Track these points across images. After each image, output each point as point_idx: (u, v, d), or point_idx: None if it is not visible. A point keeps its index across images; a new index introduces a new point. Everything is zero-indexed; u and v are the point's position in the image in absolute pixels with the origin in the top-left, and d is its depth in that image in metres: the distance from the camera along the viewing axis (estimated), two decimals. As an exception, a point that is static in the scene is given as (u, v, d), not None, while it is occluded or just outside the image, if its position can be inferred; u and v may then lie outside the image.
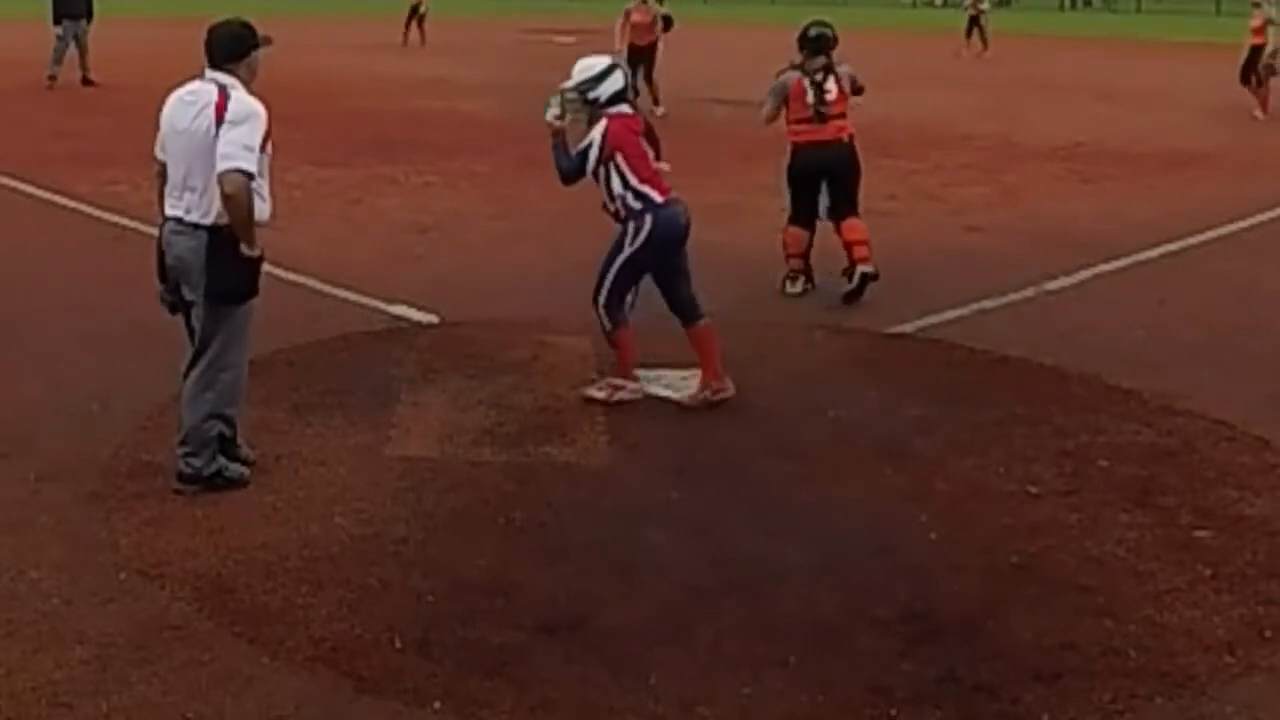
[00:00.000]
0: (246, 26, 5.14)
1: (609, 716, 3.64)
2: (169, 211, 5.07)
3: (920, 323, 7.44)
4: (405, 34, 27.52)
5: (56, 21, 18.81)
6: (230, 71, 5.02)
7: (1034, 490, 5.18)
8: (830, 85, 7.90)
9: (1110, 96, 19.74)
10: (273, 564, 4.43)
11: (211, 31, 5.12)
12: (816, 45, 7.99)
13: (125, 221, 9.78)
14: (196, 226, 4.97)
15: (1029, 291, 8.16)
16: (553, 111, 6.13)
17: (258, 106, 4.95)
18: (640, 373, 6.37)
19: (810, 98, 7.87)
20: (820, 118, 7.88)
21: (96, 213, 10.08)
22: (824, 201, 7.98)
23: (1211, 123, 16.88)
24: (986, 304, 7.81)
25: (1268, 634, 4.11)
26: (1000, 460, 5.47)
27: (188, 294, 5.05)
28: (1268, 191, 11.73)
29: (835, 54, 8.02)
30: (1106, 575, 4.48)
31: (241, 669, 3.81)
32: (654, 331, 7.13)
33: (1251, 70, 17.20)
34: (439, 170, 12.40)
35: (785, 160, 8.07)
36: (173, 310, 5.20)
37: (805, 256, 8.04)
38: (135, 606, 4.13)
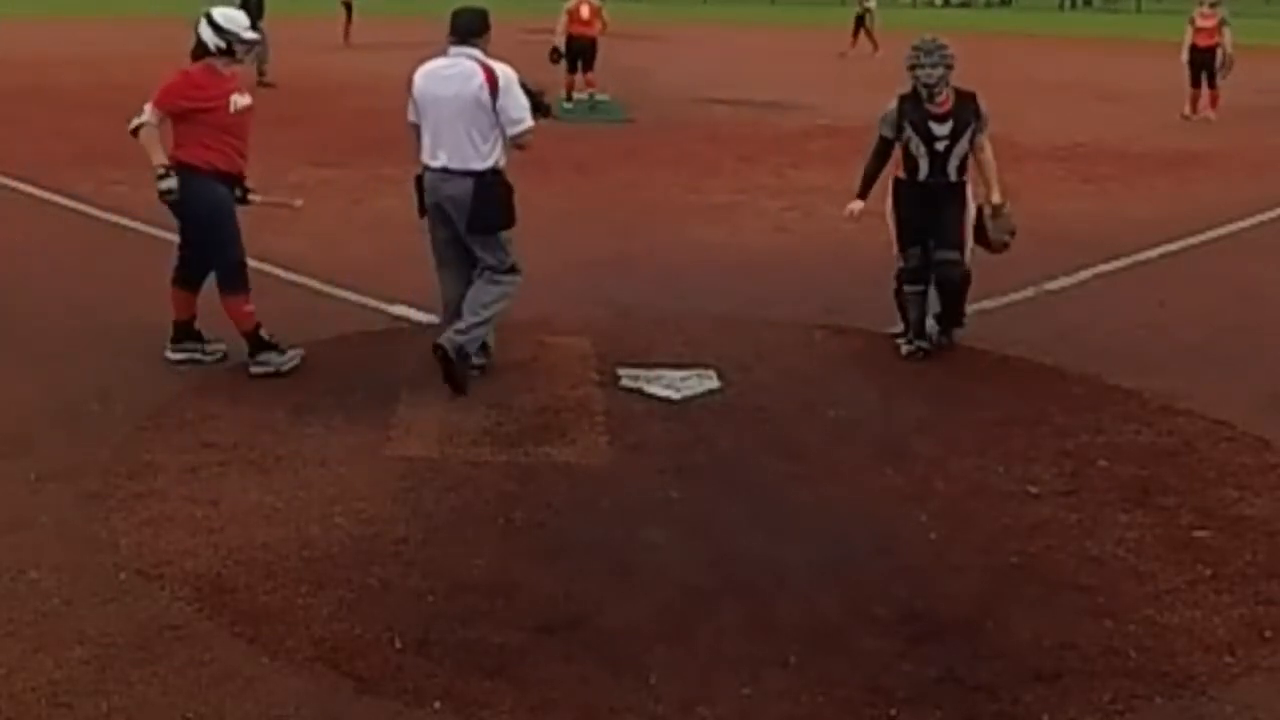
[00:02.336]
0: (484, 11, 6.28)
1: (609, 716, 3.64)
2: (435, 163, 6.19)
3: (920, 323, 7.43)
4: (345, 32, 27.71)
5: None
6: (475, 44, 6.16)
7: (1034, 490, 5.18)
8: None
9: (1110, 96, 19.75)
10: (273, 564, 4.43)
11: (458, 14, 6.25)
12: None
13: (125, 221, 9.78)
14: (467, 173, 6.08)
15: (1029, 291, 8.15)
16: None
17: (511, 71, 6.13)
18: (640, 373, 6.38)
19: None
20: None
21: (96, 213, 10.09)
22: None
23: (1211, 123, 16.88)
24: (986, 304, 7.80)
25: (1268, 634, 4.11)
26: (1000, 460, 5.47)
27: (461, 225, 6.18)
28: (1268, 191, 11.74)
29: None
30: (1106, 575, 4.48)
31: (241, 669, 3.80)
32: (654, 331, 7.14)
33: (1203, 71, 17.16)
34: (439, 170, 12.39)
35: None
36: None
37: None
38: (135, 606, 4.13)
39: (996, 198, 6.81)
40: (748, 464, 5.42)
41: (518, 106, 6.03)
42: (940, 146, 6.68)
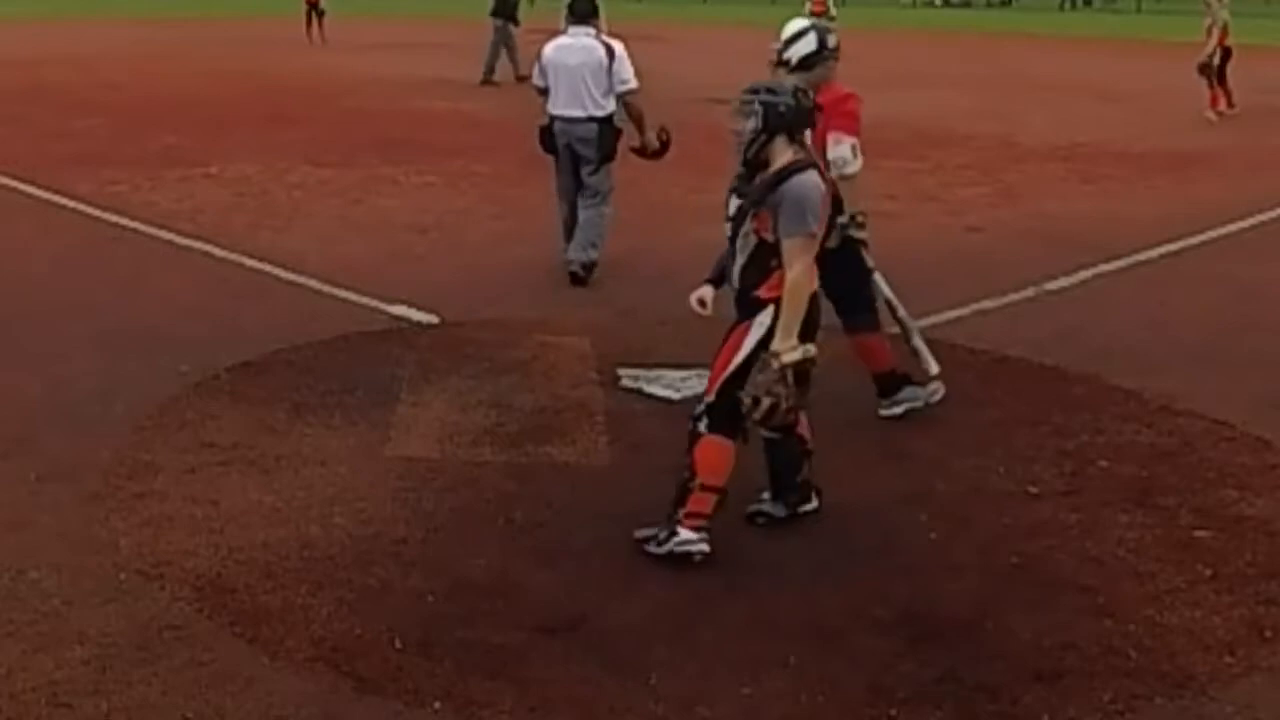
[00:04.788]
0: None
1: (609, 716, 3.64)
2: (569, 113, 8.03)
3: (920, 323, 7.40)
4: (308, 31, 27.65)
5: (502, 18, 20.13)
6: (591, 24, 8.08)
7: (1034, 490, 5.18)
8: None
9: (1110, 96, 19.74)
10: (273, 564, 4.43)
11: (575, 1, 8.09)
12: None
13: (125, 221, 9.79)
14: (592, 119, 8.02)
15: (1029, 291, 8.15)
16: None
17: (622, 47, 8.09)
18: (640, 373, 6.38)
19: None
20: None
21: (96, 213, 10.10)
22: None
23: (1212, 123, 16.88)
24: (986, 304, 7.80)
25: (1268, 634, 4.11)
26: (1000, 460, 5.47)
27: (584, 157, 8.12)
28: (1268, 191, 11.72)
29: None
30: (1106, 575, 4.48)
31: (241, 669, 3.80)
32: (654, 331, 7.14)
33: (1223, 70, 17.28)
34: (439, 170, 12.41)
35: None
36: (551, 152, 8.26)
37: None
38: (135, 606, 4.13)
39: (775, 343, 4.46)
40: (748, 464, 5.40)
41: (626, 71, 8.02)
42: (728, 229, 4.64)
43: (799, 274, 4.43)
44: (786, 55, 5.81)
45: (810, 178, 4.45)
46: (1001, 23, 41.17)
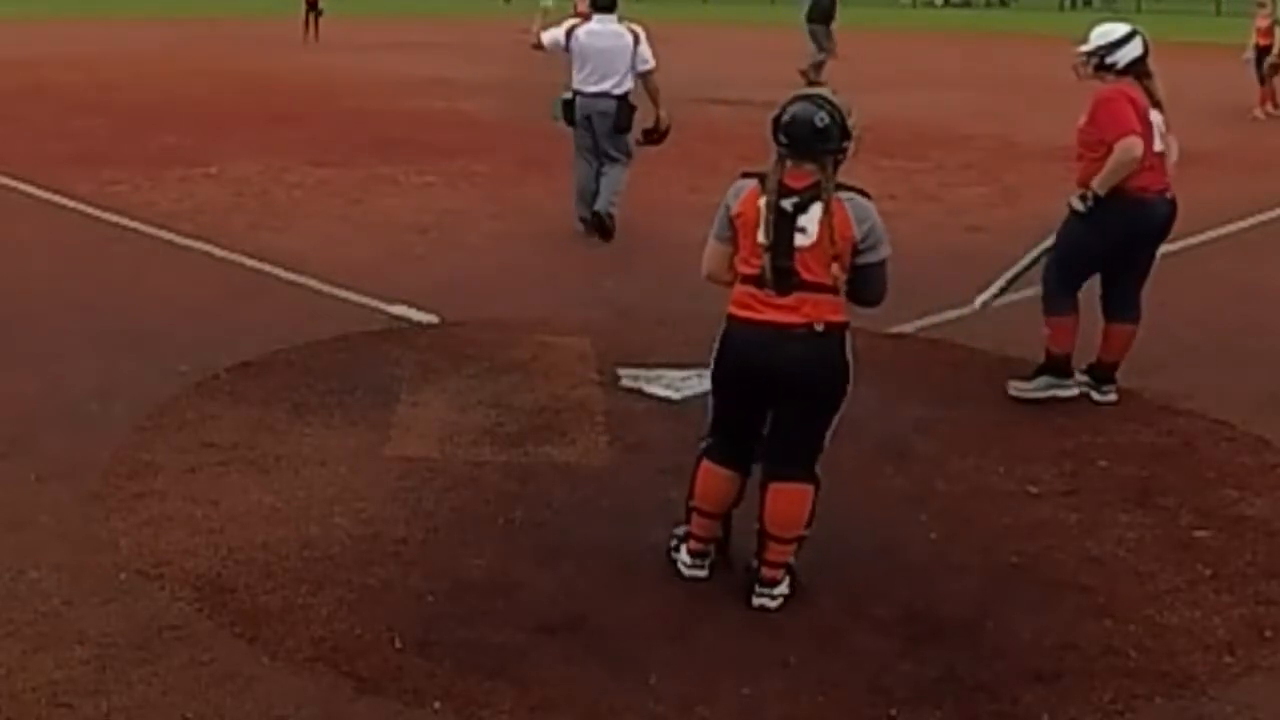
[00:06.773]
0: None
1: (609, 716, 3.64)
2: (593, 89, 9.26)
3: (920, 323, 7.43)
4: (306, 29, 27.73)
5: (813, 22, 20.84)
6: (614, 13, 9.32)
7: (1034, 490, 5.18)
8: (810, 221, 4.31)
9: (1110, 96, 19.74)
10: (273, 564, 4.43)
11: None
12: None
13: (125, 221, 9.79)
14: (613, 96, 9.26)
15: (1029, 291, 8.13)
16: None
17: (643, 32, 9.36)
18: (640, 373, 6.38)
19: (764, 233, 4.34)
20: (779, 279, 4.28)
21: (96, 213, 10.09)
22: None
23: (1212, 123, 16.87)
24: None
25: (1268, 634, 4.11)
26: (1000, 460, 5.47)
27: (602, 128, 9.34)
28: (1269, 191, 11.73)
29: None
30: (1106, 575, 4.48)
31: (241, 669, 3.80)
32: (654, 331, 7.14)
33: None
34: (439, 170, 12.41)
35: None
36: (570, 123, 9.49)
37: (724, 524, 4.47)
38: (135, 606, 4.13)
39: None
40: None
41: (646, 53, 9.31)
42: None
43: None
44: (1112, 59, 6.24)
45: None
46: (1001, 23, 41.18)
